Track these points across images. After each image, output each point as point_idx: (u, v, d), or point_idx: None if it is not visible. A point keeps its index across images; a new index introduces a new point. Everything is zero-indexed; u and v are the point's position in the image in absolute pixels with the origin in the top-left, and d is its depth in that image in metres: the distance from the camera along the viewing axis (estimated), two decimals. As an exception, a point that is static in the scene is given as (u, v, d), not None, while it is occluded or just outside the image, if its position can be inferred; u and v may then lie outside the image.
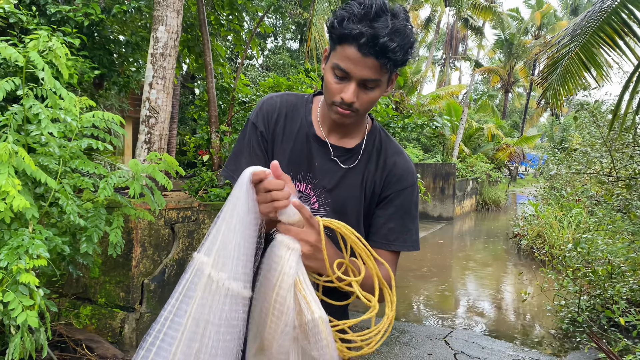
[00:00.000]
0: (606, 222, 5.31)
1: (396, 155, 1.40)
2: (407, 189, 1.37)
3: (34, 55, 2.45)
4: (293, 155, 1.36)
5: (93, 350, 3.73)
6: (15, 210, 2.46)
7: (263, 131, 1.37)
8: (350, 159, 1.36)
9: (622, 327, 4.61)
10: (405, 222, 1.36)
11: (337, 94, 1.22)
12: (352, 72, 1.18)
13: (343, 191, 1.34)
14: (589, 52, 5.73)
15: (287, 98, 1.42)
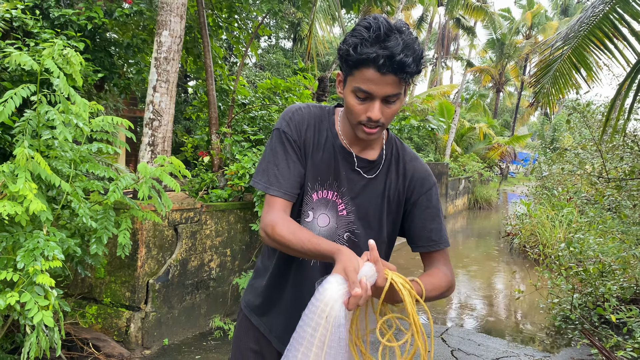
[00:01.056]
0: (597, 222, 5.46)
1: (414, 160, 1.51)
2: (432, 189, 1.49)
3: (49, 63, 2.53)
4: (322, 165, 1.44)
5: (99, 349, 3.81)
6: (31, 213, 2.53)
7: (297, 140, 1.43)
8: (373, 169, 1.46)
9: (612, 324, 4.76)
10: (440, 220, 1.49)
11: (363, 114, 1.31)
12: (375, 92, 1.27)
13: (366, 200, 1.45)
14: (581, 55, 5.86)
15: (313, 110, 1.50)
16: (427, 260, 1.51)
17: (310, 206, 1.45)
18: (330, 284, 1.13)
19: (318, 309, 1.12)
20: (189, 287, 4.32)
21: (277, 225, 1.33)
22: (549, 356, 4.54)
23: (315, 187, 1.45)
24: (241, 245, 4.92)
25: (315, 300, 1.13)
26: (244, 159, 4.73)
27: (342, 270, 1.14)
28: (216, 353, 4.00)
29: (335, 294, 1.12)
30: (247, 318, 1.60)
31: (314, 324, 1.12)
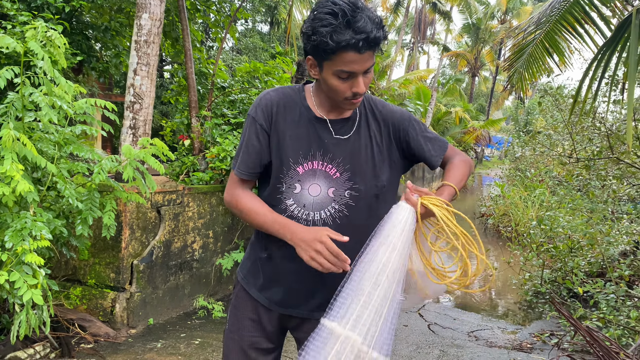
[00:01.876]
0: (567, 201, 5.68)
1: (386, 106, 1.66)
2: (411, 121, 1.65)
3: (33, 46, 2.55)
4: (301, 139, 1.54)
5: (85, 329, 3.87)
6: (18, 194, 2.57)
7: (263, 124, 1.54)
8: (350, 127, 1.58)
9: (581, 297, 4.99)
10: (431, 135, 1.67)
11: (348, 90, 1.43)
12: (357, 70, 1.39)
13: (356, 155, 1.56)
14: (552, 40, 6.02)
15: (282, 91, 1.60)
16: (444, 163, 1.70)
17: (297, 179, 1.54)
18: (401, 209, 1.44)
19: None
20: (172, 268, 4.40)
21: (240, 202, 1.58)
22: (521, 328, 4.75)
23: (299, 160, 1.53)
24: (223, 227, 5.00)
25: None
26: (224, 142, 4.79)
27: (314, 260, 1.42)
28: (201, 331, 4.10)
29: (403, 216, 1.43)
30: (245, 290, 1.68)
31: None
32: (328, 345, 1.35)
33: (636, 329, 3.80)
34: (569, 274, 5.19)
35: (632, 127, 2.82)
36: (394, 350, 3.90)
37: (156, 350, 3.67)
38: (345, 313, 1.35)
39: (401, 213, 1.43)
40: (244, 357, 1.67)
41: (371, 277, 1.36)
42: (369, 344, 1.33)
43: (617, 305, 4.22)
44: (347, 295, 1.38)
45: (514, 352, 3.98)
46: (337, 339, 1.34)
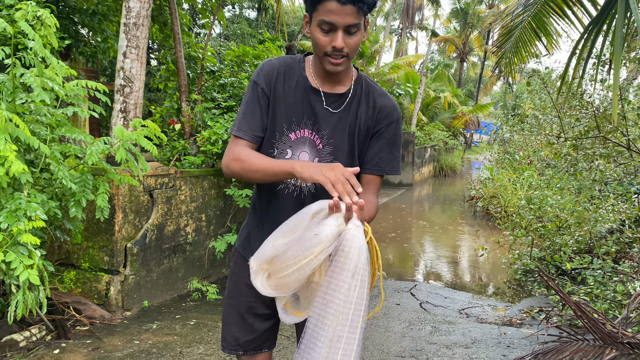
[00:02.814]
0: (555, 181, 5.76)
1: (383, 96, 1.67)
2: (394, 123, 1.66)
3: (24, 25, 2.54)
4: (295, 106, 1.60)
5: (80, 311, 3.89)
6: (11, 174, 2.57)
7: (264, 87, 1.60)
8: (341, 103, 1.62)
9: (569, 275, 5.09)
10: (392, 150, 1.66)
11: (328, 45, 1.47)
12: (337, 22, 1.42)
13: (340, 131, 1.60)
14: (540, 22, 6.06)
15: (284, 60, 1.65)
16: (363, 182, 1.64)
17: (289, 145, 1.60)
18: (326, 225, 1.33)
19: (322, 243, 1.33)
20: (166, 251, 4.41)
21: (241, 155, 1.54)
22: (511, 305, 4.85)
23: (291, 127, 1.60)
24: (216, 210, 5.02)
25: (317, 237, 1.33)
26: (215, 125, 4.79)
27: (325, 175, 1.37)
28: (196, 312, 4.14)
29: (333, 232, 1.32)
30: (242, 256, 1.74)
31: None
32: None
33: (622, 302, 3.89)
34: (557, 252, 5.29)
35: (618, 106, 2.86)
36: (386, 327, 3.97)
37: (152, 331, 3.71)
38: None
39: (361, 236, 1.34)
40: (242, 322, 1.73)
41: (347, 320, 1.31)
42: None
43: (603, 280, 4.31)
44: (323, 344, 1.33)
45: (504, 327, 4.07)
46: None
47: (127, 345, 3.42)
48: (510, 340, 3.70)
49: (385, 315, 4.28)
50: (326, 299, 1.34)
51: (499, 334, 3.86)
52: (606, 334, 3.15)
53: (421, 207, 12.13)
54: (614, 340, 3.13)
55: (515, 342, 3.64)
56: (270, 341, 1.79)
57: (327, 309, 1.33)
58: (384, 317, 4.23)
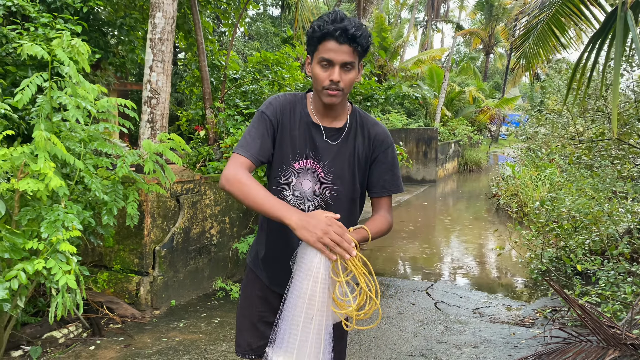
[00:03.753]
0: (572, 181, 5.82)
1: (375, 125, 1.88)
2: (389, 149, 1.87)
3: (60, 54, 2.79)
4: (299, 139, 1.80)
5: (113, 310, 4.18)
6: (50, 189, 2.84)
7: (272, 119, 1.79)
8: (339, 136, 1.82)
9: (584, 275, 5.17)
10: (394, 172, 1.86)
11: (326, 79, 1.67)
12: (334, 59, 1.63)
13: (339, 161, 1.80)
14: (559, 22, 6.10)
15: (288, 97, 1.86)
16: (375, 204, 1.89)
17: (293, 173, 1.80)
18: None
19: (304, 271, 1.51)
20: (192, 253, 4.68)
21: (243, 178, 1.62)
22: (525, 305, 4.96)
23: (295, 157, 1.79)
24: (238, 213, 5.26)
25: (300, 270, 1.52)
26: (238, 132, 5.02)
27: (321, 241, 1.49)
28: (220, 311, 4.39)
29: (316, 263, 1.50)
30: (253, 271, 1.97)
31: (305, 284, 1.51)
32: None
33: (633, 303, 3.97)
34: (573, 252, 5.36)
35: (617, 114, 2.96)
36: (399, 326, 4.15)
37: (179, 329, 3.97)
38: (288, 347, 1.52)
39: None
40: (254, 329, 1.94)
41: (302, 312, 1.49)
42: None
43: (616, 281, 4.39)
44: (285, 330, 1.53)
45: (515, 327, 4.20)
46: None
47: (156, 343, 3.69)
48: (518, 340, 3.84)
49: (400, 314, 4.46)
50: (288, 295, 1.55)
51: (508, 334, 4.00)
52: (610, 335, 3.27)
53: (443, 204, 12.20)
54: (617, 342, 3.25)
55: (522, 342, 3.78)
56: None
57: (288, 303, 1.54)
58: (399, 316, 4.41)
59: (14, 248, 2.84)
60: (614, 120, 2.65)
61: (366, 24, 18.99)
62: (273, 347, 1.57)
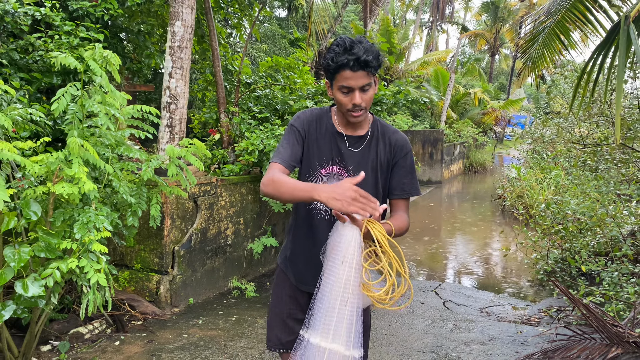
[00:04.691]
0: (577, 184, 5.96)
1: (396, 133, 2.06)
2: (408, 154, 2.05)
3: (93, 64, 2.97)
4: (325, 148, 1.99)
5: (135, 308, 4.35)
6: (83, 192, 3.01)
7: (300, 130, 1.99)
8: (362, 143, 2.00)
9: (588, 275, 5.31)
10: (413, 176, 2.03)
11: (349, 103, 1.84)
12: (353, 85, 1.80)
13: (363, 166, 1.97)
14: (564, 28, 6.24)
15: (315, 111, 2.06)
16: (394, 205, 2.04)
17: (320, 178, 1.99)
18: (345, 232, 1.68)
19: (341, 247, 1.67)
20: (209, 253, 4.85)
21: (274, 177, 1.79)
22: (531, 305, 5.11)
23: (322, 164, 1.98)
24: (252, 214, 5.43)
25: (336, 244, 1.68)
26: (252, 136, 5.18)
27: (351, 205, 1.59)
28: (236, 309, 4.55)
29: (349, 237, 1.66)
30: (283, 271, 2.15)
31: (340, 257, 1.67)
32: (318, 359, 1.71)
33: (635, 303, 4.12)
34: (578, 253, 5.50)
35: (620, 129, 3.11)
36: (410, 324, 4.31)
37: (198, 326, 4.14)
38: (325, 328, 1.69)
39: (350, 233, 1.65)
40: (284, 326, 2.11)
41: (338, 296, 1.66)
42: (348, 347, 1.69)
43: (620, 282, 4.53)
44: (322, 313, 1.69)
45: (522, 325, 4.35)
46: (324, 353, 1.70)
47: (177, 339, 3.86)
48: (525, 338, 3.99)
49: (410, 313, 4.61)
50: (324, 281, 1.71)
51: (515, 332, 4.15)
52: (613, 333, 3.42)
53: (449, 205, 12.34)
54: (620, 340, 3.40)
55: (529, 340, 3.93)
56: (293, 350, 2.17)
57: (324, 288, 1.70)
58: (409, 315, 4.57)
59: (49, 248, 3.01)
60: (617, 127, 2.80)
61: (372, 25, 19.14)
62: (308, 329, 1.74)
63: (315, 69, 9.25)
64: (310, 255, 2.00)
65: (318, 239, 1.95)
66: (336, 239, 1.69)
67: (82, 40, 4.70)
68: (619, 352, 3.35)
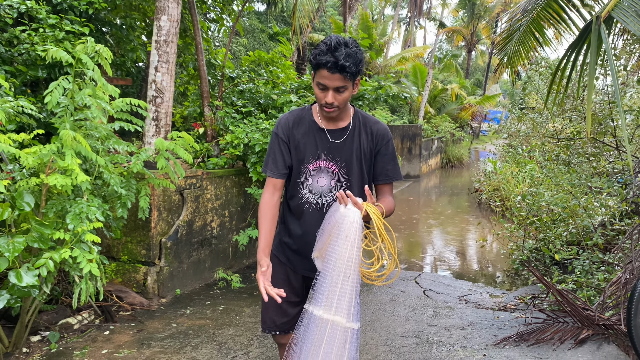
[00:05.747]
0: (551, 177, 6.20)
1: (377, 124, 2.19)
2: (389, 142, 2.19)
3: (85, 58, 3.02)
4: (311, 145, 2.12)
5: (122, 299, 4.41)
6: (76, 183, 3.07)
7: (282, 137, 2.14)
8: (344, 134, 2.12)
9: (561, 265, 5.54)
10: (395, 162, 2.18)
11: (323, 99, 1.99)
12: (327, 84, 1.93)
13: (348, 156, 2.11)
14: (539, 26, 6.45)
15: (295, 112, 2.19)
16: (380, 190, 2.21)
17: (309, 174, 2.13)
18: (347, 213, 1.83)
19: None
20: (195, 245, 4.92)
21: (262, 209, 2.13)
22: (507, 293, 5.31)
23: (309, 160, 2.11)
24: (237, 207, 5.51)
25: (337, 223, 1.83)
26: (237, 130, 5.26)
27: None
28: (223, 299, 4.65)
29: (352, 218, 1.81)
30: (276, 257, 2.26)
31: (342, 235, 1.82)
32: (322, 330, 1.85)
33: (605, 288, 4.34)
34: (551, 243, 5.73)
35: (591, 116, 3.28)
36: (392, 311, 4.46)
37: (186, 315, 4.22)
38: (327, 301, 1.84)
39: (353, 215, 1.81)
40: (278, 308, 2.22)
41: (341, 272, 1.82)
42: (348, 319, 1.84)
43: (591, 270, 4.76)
44: (326, 288, 1.85)
45: (499, 312, 4.54)
46: (327, 324, 1.85)
47: (166, 328, 3.94)
48: (502, 323, 4.18)
49: (392, 301, 4.77)
50: (328, 258, 1.86)
51: (492, 317, 4.33)
52: (584, 317, 3.63)
53: (427, 198, 12.58)
54: (590, 322, 3.61)
55: (506, 324, 4.12)
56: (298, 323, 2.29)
57: (327, 265, 1.85)
58: (391, 303, 4.72)
59: (42, 238, 3.06)
60: (588, 121, 2.97)
61: (351, 20, 19.26)
62: (312, 303, 1.88)
63: (297, 63, 9.35)
64: (308, 242, 2.13)
65: (309, 228, 2.09)
66: (338, 220, 1.82)
67: (67, 34, 4.71)
68: (590, 334, 3.55)
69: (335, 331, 1.81)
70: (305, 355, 1.83)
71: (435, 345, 3.72)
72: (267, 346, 3.62)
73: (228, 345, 3.64)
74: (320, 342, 1.80)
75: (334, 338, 1.81)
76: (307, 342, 1.84)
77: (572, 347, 3.51)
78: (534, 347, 3.58)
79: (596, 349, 3.47)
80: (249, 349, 3.58)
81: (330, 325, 1.81)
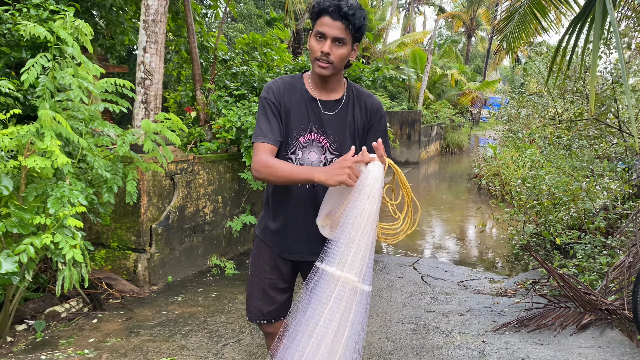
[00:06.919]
0: (552, 160, 6.07)
1: (370, 97, 2.06)
2: (382, 117, 2.05)
3: (64, 34, 2.87)
4: (302, 115, 1.94)
5: (112, 286, 4.30)
6: (56, 166, 2.94)
7: (274, 101, 1.94)
8: (337, 106, 1.97)
9: (562, 250, 5.43)
10: (386, 139, 2.02)
11: (318, 50, 1.83)
12: (327, 32, 1.80)
13: (341, 129, 1.96)
14: (540, 5, 6.28)
15: (285, 79, 2.01)
16: None
17: (299, 147, 1.95)
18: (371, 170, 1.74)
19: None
20: (187, 231, 4.80)
21: (268, 162, 1.82)
22: (507, 278, 5.20)
23: (300, 132, 1.94)
24: (231, 192, 5.38)
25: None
26: (229, 113, 5.12)
27: (349, 176, 1.67)
28: (216, 286, 4.54)
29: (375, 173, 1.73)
30: (262, 241, 2.11)
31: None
32: (331, 286, 1.73)
33: (608, 272, 4.23)
34: (553, 227, 5.62)
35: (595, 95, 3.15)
36: (389, 297, 4.35)
37: (177, 303, 4.11)
38: (342, 259, 1.72)
39: (377, 170, 1.72)
40: (265, 295, 2.09)
41: (360, 228, 1.71)
42: (360, 280, 1.73)
43: (592, 254, 4.65)
44: (341, 244, 1.73)
45: (498, 297, 4.43)
46: (338, 280, 1.72)
47: (156, 316, 3.83)
48: (501, 308, 4.07)
49: (389, 287, 4.66)
50: (347, 214, 1.75)
51: (492, 303, 4.22)
52: (586, 301, 3.51)
53: (427, 184, 12.45)
54: (593, 307, 3.49)
55: (505, 310, 4.01)
56: (287, 310, 2.14)
57: (347, 220, 1.73)
58: (388, 289, 4.61)
59: (22, 223, 2.94)
60: (591, 100, 2.83)
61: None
62: (324, 262, 1.75)
63: (292, 46, 9.17)
64: (296, 224, 1.99)
65: (298, 208, 1.95)
66: (362, 176, 1.72)
67: (52, 14, 4.54)
68: (592, 319, 3.44)
69: (344, 289, 1.72)
70: (312, 312, 1.73)
71: (433, 331, 3.61)
72: (259, 334, 3.51)
73: (219, 333, 3.53)
74: (328, 299, 1.72)
75: (343, 296, 1.71)
76: (314, 298, 1.74)
77: (574, 333, 3.40)
78: (535, 333, 3.47)
79: (599, 335, 3.36)
80: (240, 337, 3.47)
81: (340, 282, 1.72)
